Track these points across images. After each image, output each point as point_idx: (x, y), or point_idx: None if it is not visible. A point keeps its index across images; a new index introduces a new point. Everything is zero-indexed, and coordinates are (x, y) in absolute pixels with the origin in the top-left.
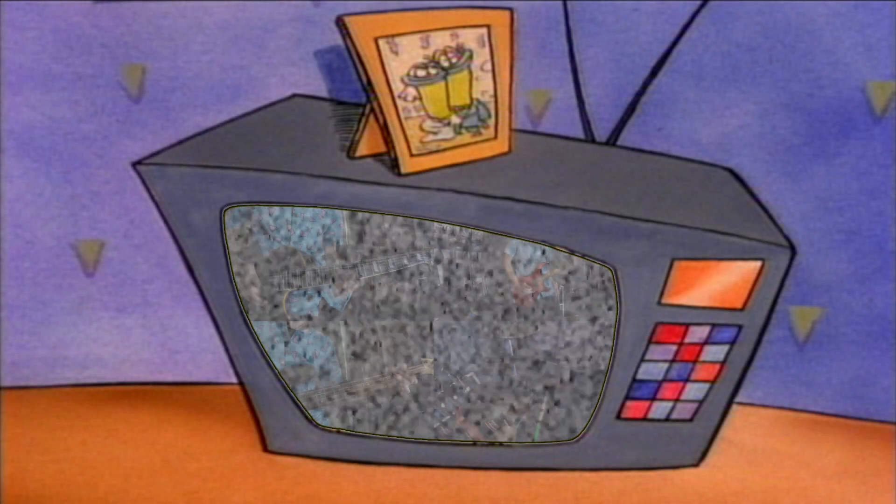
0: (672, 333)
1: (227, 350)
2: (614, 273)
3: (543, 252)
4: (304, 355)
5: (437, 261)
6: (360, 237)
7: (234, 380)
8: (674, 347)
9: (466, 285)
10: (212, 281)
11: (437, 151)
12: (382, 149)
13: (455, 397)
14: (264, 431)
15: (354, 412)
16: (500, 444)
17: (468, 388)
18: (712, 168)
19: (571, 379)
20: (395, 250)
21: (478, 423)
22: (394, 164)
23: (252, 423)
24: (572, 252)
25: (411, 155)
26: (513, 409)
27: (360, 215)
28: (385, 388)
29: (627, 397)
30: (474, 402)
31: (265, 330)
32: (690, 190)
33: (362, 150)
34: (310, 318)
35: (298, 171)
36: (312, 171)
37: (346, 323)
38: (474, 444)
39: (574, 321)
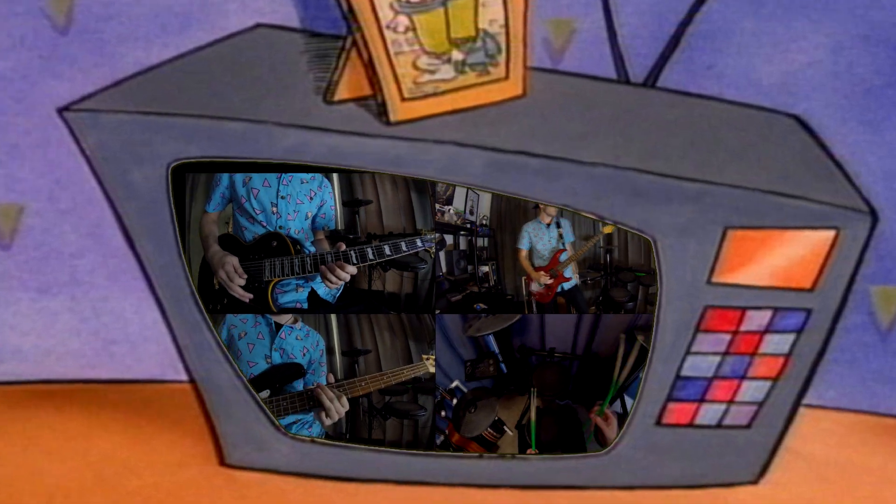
0: (725, 320)
1: (175, 340)
2: (654, 245)
3: (560, 235)
4: (288, 352)
5: (440, 246)
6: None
7: (184, 377)
8: (727, 337)
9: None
10: (156, 255)
11: (434, 95)
12: (367, 92)
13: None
14: (221, 440)
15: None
16: (513, 455)
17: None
18: (774, 115)
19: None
20: (393, 234)
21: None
22: (381, 111)
23: (206, 430)
24: (601, 219)
25: (403, 99)
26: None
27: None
28: (380, 388)
29: (670, 398)
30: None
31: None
32: (747, 142)
33: (342, 93)
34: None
35: (263, 119)
36: (280, 120)
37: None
38: (480, 456)
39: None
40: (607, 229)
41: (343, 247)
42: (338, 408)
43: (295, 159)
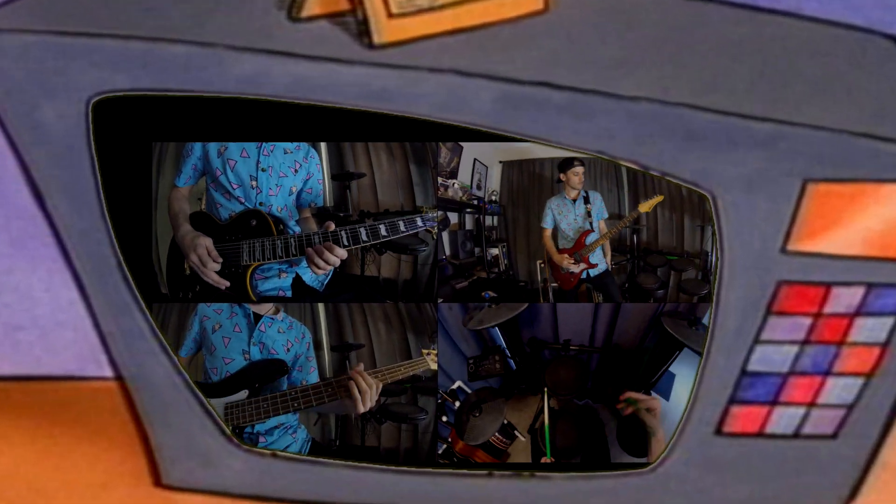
0: (804, 299)
1: (97, 326)
2: (712, 203)
3: (589, 212)
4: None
5: (443, 225)
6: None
7: (109, 373)
8: (807, 321)
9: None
10: (73, 216)
11: (430, 10)
12: (344, 6)
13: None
14: (156, 454)
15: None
16: (531, 473)
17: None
18: (868, 36)
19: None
20: (389, 212)
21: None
22: (362, 30)
23: (137, 440)
24: (646, 169)
25: (390, 15)
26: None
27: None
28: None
29: (733, 400)
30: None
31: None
32: (833, 71)
33: (312, 8)
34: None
35: (211, 41)
36: (233, 42)
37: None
38: (489, 474)
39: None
40: (645, 207)
41: (332, 226)
42: (373, 395)
43: (251, 92)
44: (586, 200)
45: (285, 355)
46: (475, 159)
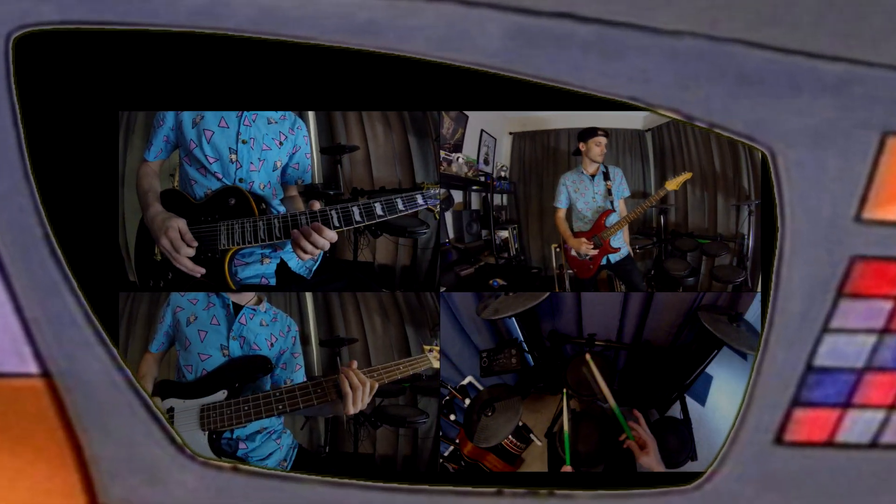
0: (883, 277)
1: (19, 312)
2: (770, 161)
3: (609, 190)
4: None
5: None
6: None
7: (34, 368)
8: (887, 305)
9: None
10: None
11: None
12: None
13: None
14: (92, 467)
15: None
16: (550, 491)
17: None
18: None
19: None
20: (385, 189)
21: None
22: None
23: (69, 451)
24: (689, 119)
25: None
26: None
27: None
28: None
29: (797, 402)
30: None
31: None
32: None
33: None
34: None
35: None
36: None
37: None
38: (498, 492)
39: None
40: (673, 184)
41: (321, 205)
42: (365, 395)
43: (207, 26)
44: (606, 176)
45: (268, 351)
46: (482, 130)
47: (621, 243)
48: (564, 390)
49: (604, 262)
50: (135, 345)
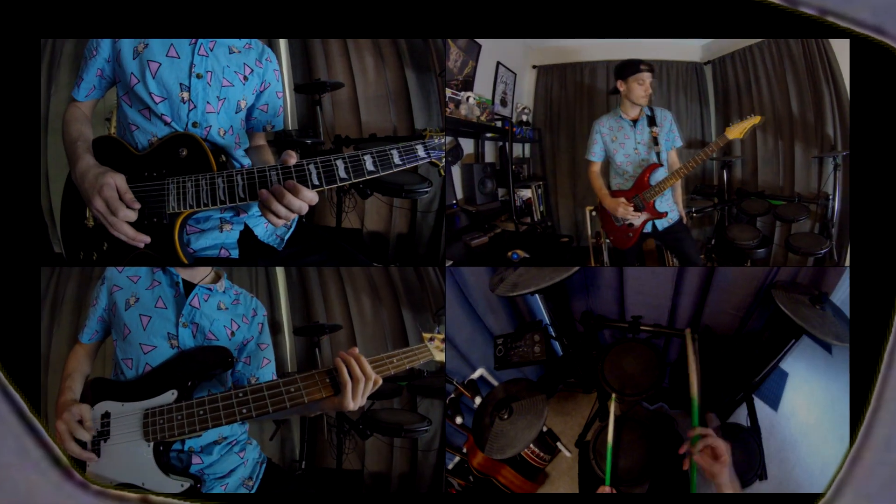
0: None
1: None
2: None
3: (655, 138)
4: (204, 329)
5: (454, 157)
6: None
7: None
8: None
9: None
10: None
11: None
12: None
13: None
14: None
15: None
16: None
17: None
18: None
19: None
20: (377, 137)
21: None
22: None
23: None
24: (793, 4)
25: None
26: None
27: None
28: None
29: None
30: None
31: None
32: None
33: None
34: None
35: None
36: None
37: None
38: None
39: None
40: (735, 132)
41: (296, 158)
42: (364, 390)
43: None
44: (651, 122)
45: (228, 341)
46: (498, 63)
47: (670, 206)
48: (603, 387)
49: (647, 229)
50: (60, 333)
